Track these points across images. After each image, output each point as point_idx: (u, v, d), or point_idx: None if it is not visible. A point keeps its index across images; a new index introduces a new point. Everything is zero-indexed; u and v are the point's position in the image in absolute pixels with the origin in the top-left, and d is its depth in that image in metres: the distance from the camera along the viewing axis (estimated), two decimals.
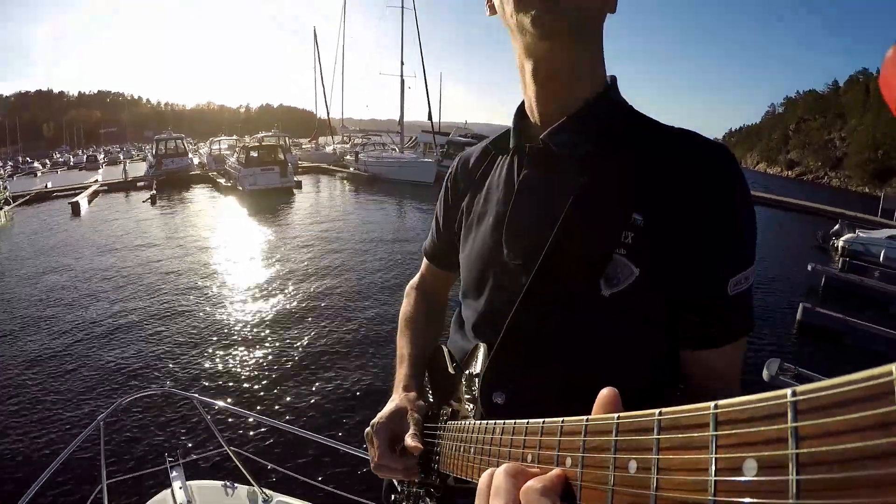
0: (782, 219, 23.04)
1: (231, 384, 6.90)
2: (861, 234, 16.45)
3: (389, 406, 0.90)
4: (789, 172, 74.92)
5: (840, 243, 16.27)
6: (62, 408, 6.36)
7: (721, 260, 0.70)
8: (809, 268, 12.67)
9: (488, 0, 0.80)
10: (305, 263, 12.73)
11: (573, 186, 0.74)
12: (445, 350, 0.98)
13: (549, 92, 0.76)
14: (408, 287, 1.18)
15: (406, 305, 1.14)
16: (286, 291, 10.63)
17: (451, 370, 0.91)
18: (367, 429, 0.89)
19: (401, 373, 0.99)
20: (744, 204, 0.70)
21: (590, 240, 0.72)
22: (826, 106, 76.47)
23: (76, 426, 5.85)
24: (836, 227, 17.90)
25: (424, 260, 1.15)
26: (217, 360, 7.59)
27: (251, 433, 5.64)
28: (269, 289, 10.85)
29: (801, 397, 0.23)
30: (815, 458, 0.21)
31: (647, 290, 0.70)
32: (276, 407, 6.34)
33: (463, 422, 0.72)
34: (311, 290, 10.71)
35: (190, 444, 5.44)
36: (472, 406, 0.80)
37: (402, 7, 35.08)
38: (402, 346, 1.05)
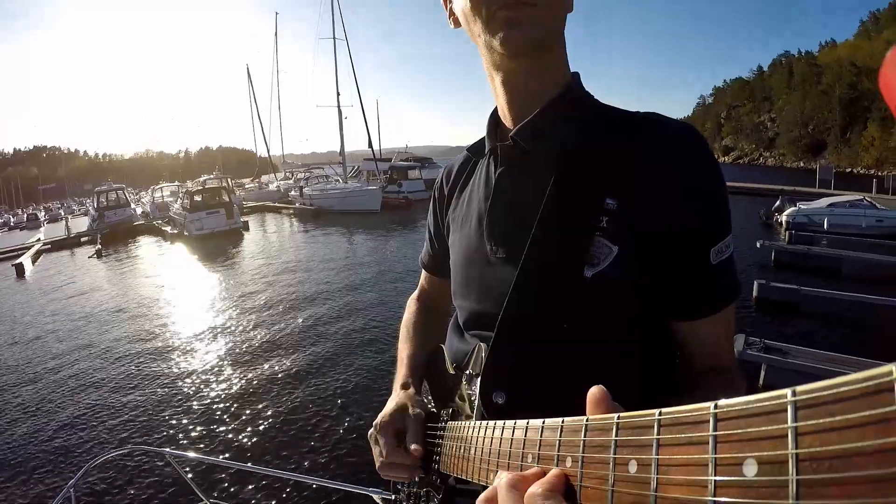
0: None
1: (202, 434, 6.68)
2: (802, 207, 17.28)
3: (390, 405, 0.90)
4: (726, 158, 78.17)
5: (783, 218, 17.03)
6: (28, 479, 6.06)
7: (700, 232, 0.71)
8: (758, 244, 13.18)
9: (451, 14, 0.82)
10: (262, 305, 12.49)
11: (546, 179, 0.76)
12: (445, 350, 0.98)
13: (518, 98, 0.79)
14: (409, 300, 1.21)
15: (406, 316, 1.16)
16: (246, 334, 10.40)
17: (451, 370, 0.92)
18: (371, 430, 0.89)
19: (400, 373, 1.00)
20: (714, 176, 0.72)
21: (568, 227, 0.74)
22: (753, 91, 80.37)
23: (46, 496, 5.58)
24: (778, 202, 18.75)
25: (423, 272, 1.18)
26: (184, 411, 7.34)
27: (229, 481, 5.46)
28: (230, 334, 10.58)
29: (802, 396, 0.23)
30: (815, 457, 0.21)
31: (627, 267, 0.71)
32: (250, 451, 6.18)
33: (463, 422, 0.72)
34: (272, 330, 10.50)
35: (168, 501, 5.26)
36: (472, 406, 0.80)
37: (335, 38, 35.41)
38: (401, 350, 1.07)
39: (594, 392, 0.41)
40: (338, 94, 35.48)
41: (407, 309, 1.18)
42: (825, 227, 15.71)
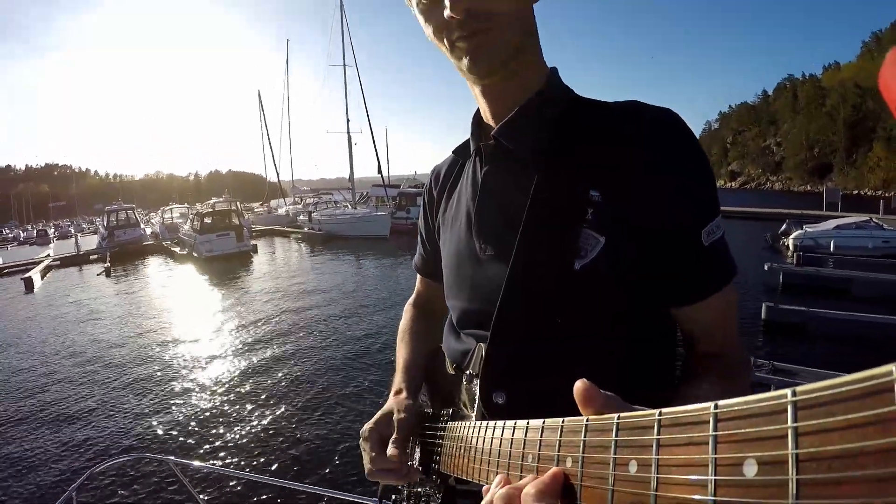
0: (730, 228, 23.26)
1: (207, 445, 6.71)
2: (808, 229, 17.20)
3: (380, 411, 0.90)
4: (732, 183, 77.99)
5: (790, 241, 16.96)
6: (32, 479, 6.12)
7: (688, 214, 0.71)
8: (766, 267, 13.11)
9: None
10: (270, 325, 12.51)
11: (531, 176, 0.76)
12: (444, 351, 0.98)
13: (498, 102, 0.80)
14: (406, 305, 1.20)
15: (403, 321, 1.15)
16: (254, 352, 10.42)
17: (451, 371, 0.91)
18: (360, 439, 0.89)
19: (395, 379, 0.99)
20: (697, 159, 0.72)
21: (555, 222, 0.74)
22: (759, 115, 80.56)
23: (47, 498, 5.61)
24: (784, 226, 18.65)
25: (418, 276, 1.18)
26: (189, 422, 7.39)
27: (232, 491, 5.46)
28: (237, 351, 10.61)
29: (802, 396, 0.23)
30: (815, 457, 0.21)
31: (617, 256, 0.71)
32: (254, 462, 6.19)
33: (463, 422, 0.72)
34: (279, 350, 10.53)
35: None
36: (472, 406, 0.80)
37: (345, 65, 35.31)
38: (398, 356, 1.06)
39: (579, 388, 0.41)
40: (347, 120, 35.31)
41: (404, 315, 1.17)
42: (832, 248, 15.65)
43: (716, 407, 0.27)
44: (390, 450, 0.81)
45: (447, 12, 0.68)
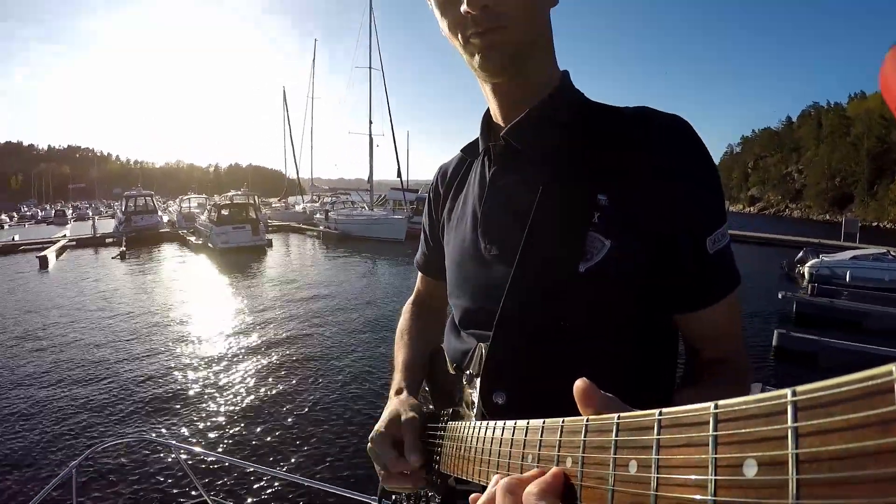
0: (746, 253, 23.01)
1: (209, 432, 6.76)
2: (825, 259, 16.95)
3: (385, 414, 0.88)
4: (751, 208, 77.12)
5: (806, 270, 16.72)
6: (33, 455, 6.18)
7: (694, 221, 0.71)
8: (780, 295, 12.96)
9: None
10: (280, 317, 12.61)
11: (539, 177, 0.77)
12: (444, 351, 0.97)
13: (508, 103, 0.81)
14: (405, 304, 1.19)
15: (402, 321, 1.14)
16: (262, 343, 10.52)
17: (451, 371, 0.91)
18: (369, 444, 0.85)
19: (395, 378, 0.98)
20: (706, 166, 0.73)
21: (561, 225, 0.74)
22: (782, 141, 79.73)
23: (48, 474, 5.64)
24: (801, 254, 18.40)
25: (419, 274, 1.17)
26: (194, 408, 7.45)
27: (231, 479, 5.49)
28: (245, 341, 10.70)
29: (801, 396, 0.23)
30: (815, 457, 0.21)
31: (622, 260, 0.71)
32: (255, 451, 6.23)
33: (463, 422, 0.71)
34: (287, 341, 10.62)
35: (167, 493, 5.30)
36: (472, 406, 0.79)
37: (370, 67, 35.32)
38: (397, 355, 1.05)
39: (579, 387, 0.41)
40: (370, 122, 35.13)
41: (403, 313, 1.16)
42: (847, 279, 15.41)
43: (716, 407, 0.27)
44: (413, 458, 0.78)
45: (464, 7, 0.70)
